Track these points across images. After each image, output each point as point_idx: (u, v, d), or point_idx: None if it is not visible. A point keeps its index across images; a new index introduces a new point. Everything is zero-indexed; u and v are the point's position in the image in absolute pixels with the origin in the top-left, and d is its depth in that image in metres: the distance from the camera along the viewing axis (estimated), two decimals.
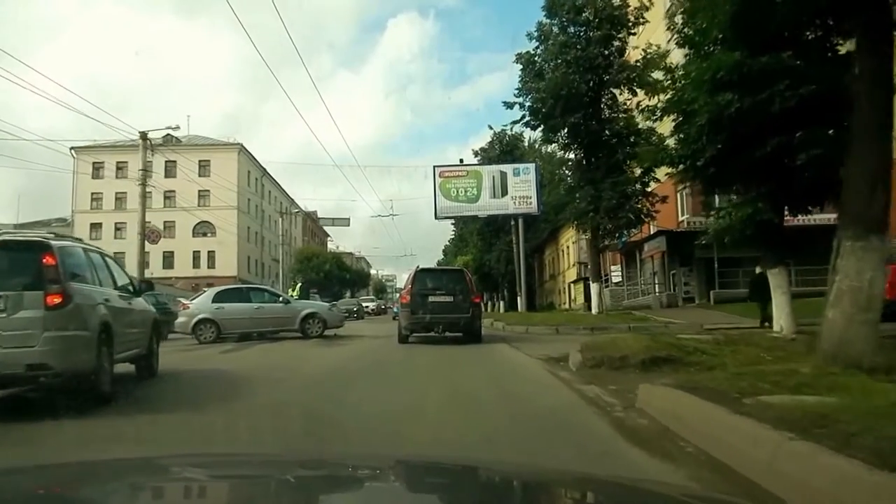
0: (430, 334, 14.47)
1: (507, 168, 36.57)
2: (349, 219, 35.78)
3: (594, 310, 22.77)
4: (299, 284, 21.79)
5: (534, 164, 36.23)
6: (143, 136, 28.81)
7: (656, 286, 28.70)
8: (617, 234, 23.24)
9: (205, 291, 16.83)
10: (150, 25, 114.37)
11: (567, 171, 24.25)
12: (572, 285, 45.32)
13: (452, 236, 69.77)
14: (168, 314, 15.98)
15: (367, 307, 43.30)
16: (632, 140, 22.17)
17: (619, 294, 32.06)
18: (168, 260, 58.05)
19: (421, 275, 15.04)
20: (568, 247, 49.43)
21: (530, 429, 5.35)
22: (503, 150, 46.30)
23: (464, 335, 14.24)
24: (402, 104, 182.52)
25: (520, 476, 1.94)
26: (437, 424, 5.55)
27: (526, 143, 53.46)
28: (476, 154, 48.92)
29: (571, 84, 20.83)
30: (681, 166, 11.94)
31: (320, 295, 35.89)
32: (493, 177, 36.07)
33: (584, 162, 23.11)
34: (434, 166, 36.18)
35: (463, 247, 63.19)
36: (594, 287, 22.95)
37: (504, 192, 35.99)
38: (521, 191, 35.86)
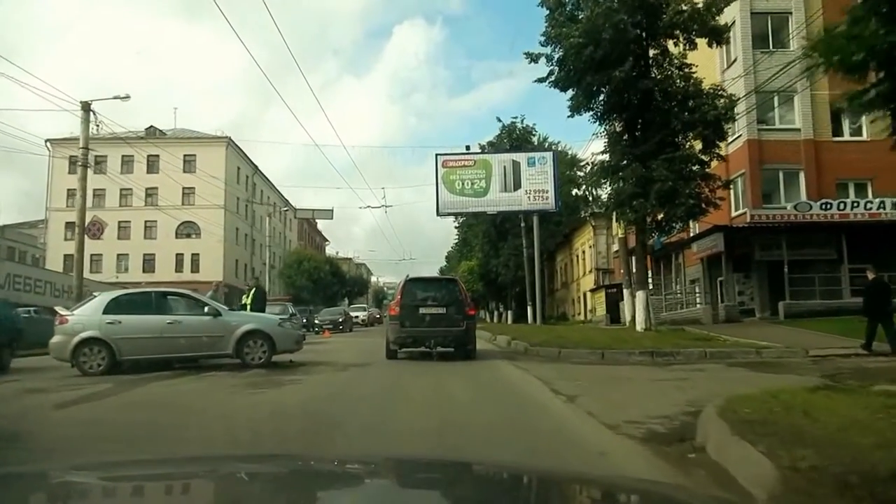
0: (421, 349, 12.83)
1: (521, 157, 31.15)
2: (332, 210, 30.29)
3: (639, 326, 17.28)
4: (252, 289, 16.26)
5: (551, 153, 30.85)
6: (86, 106, 23.44)
7: (703, 295, 23.12)
8: (667, 228, 17.75)
9: (93, 297, 11.32)
10: (158, 28, 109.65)
11: (592, 164, 18.58)
12: (591, 294, 39.76)
13: (456, 240, 64.36)
14: (15, 332, 10.53)
15: (356, 317, 37.43)
16: (690, 104, 16.76)
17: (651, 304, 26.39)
18: (149, 263, 52.75)
19: (411, 285, 13.43)
20: (584, 251, 43.95)
21: None
22: (513, 143, 40.95)
23: (456, 350, 12.73)
24: (407, 109, 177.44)
25: (517, 475, 1.88)
26: None
27: (537, 139, 48.34)
28: (483, 149, 43.28)
29: (616, 24, 15.42)
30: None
31: (295, 304, 30.27)
32: (504, 167, 30.66)
33: (627, 135, 17.68)
34: (437, 154, 30.83)
35: (467, 251, 57.76)
36: (639, 296, 17.46)
37: (517, 185, 30.57)
38: (536, 183, 30.45)
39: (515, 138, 42.67)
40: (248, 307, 14.81)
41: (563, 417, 6.32)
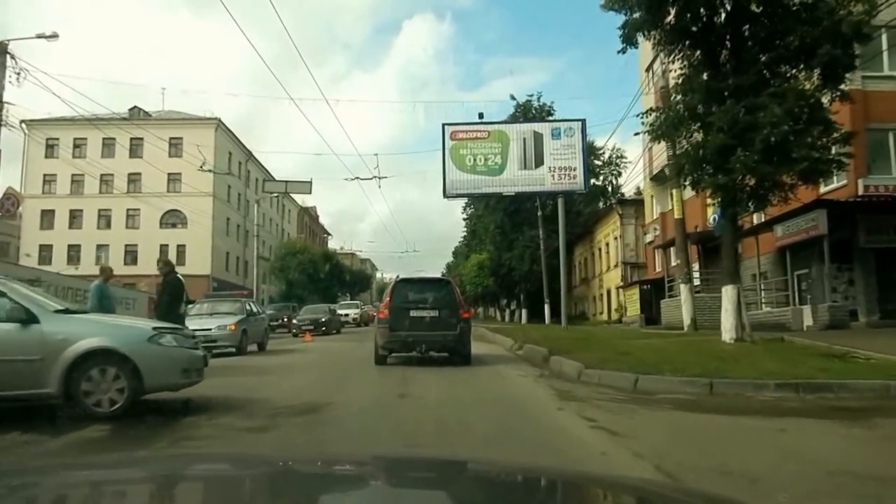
0: (412, 353, 11.26)
1: (543, 128, 25.69)
2: (311, 183, 24.55)
3: (727, 334, 11.92)
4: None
5: (579, 123, 25.26)
6: (2, 48, 18.17)
7: (791, 294, 17.60)
8: (766, 198, 12.27)
9: None
10: (165, 21, 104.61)
11: (657, 111, 13.16)
12: (621, 291, 34.32)
13: (464, 232, 59.03)
14: None
15: (346, 315, 31.60)
16: (804, 16, 11.34)
17: (702, 304, 20.91)
18: (131, 254, 47.62)
19: (401, 286, 12.19)
20: (608, 244, 38.55)
21: None
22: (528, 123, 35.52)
23: (450, 356, 11.38)
24: (416, 105, 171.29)
25: (516, 474, 1.78)
26: None
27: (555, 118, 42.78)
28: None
29: None
30: None
31: (286, 300, 24.93)
32: (524, 139, 25.22)
33: (709, 68, 12.28)
34: (444, 124, 25.36)
35: (476, 244, 52.44)
36: (728, 294, 12.04)
37: (539, 162, 25.12)
38: (561, 159, 24.99)
39: (531, 118, 37.35)
40: (158, 307, 9.58)
41: None
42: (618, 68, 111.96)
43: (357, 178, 25.85)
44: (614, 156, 47.32)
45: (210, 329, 13.65)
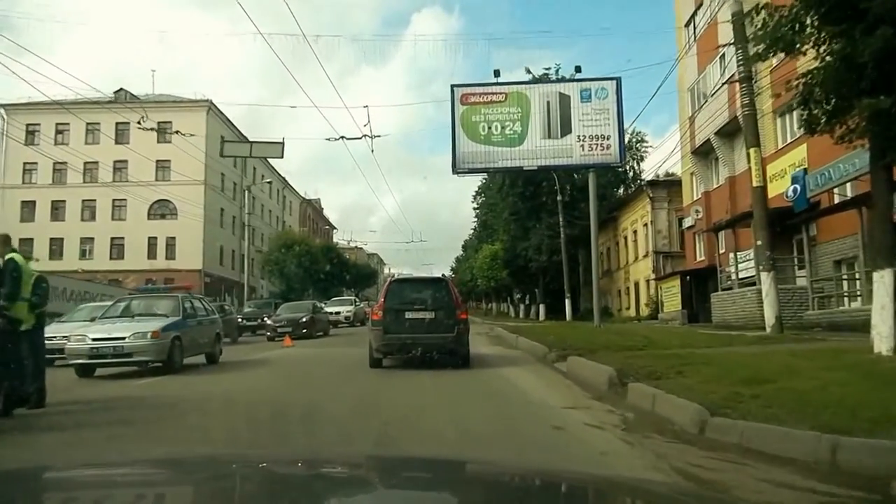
0: (408, 355, 10.68)
1: (571, 88, 21.30)
2: (282, 144, 19.83)
3: (885, 343, 7.71)
4: None
5: (613, 82, 20.81)
6: None
7: None
8: None
9: None
10: (175, 16, 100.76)
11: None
12: (654, 284, 29.99)
13: (475, 223, 54.82)
14: None
15: (337, 314, 27.11)
16: None
17: (781, 300, 16.49)
18: (117, 248, 43.89)
19: (396, 286, 11.73)
20: (635, 231, 34.21)
21: None
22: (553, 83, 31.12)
23: (449, 358, 10.70)
24: (425, 98, 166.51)
25: (517, 475, 1.75)
26: None
27: None
28: None
29: None
30: None
31: (284, 296, 20.73)
32: (548, 103, 20.86)
33: None
34: (453, 86, 21.11)
35: (488, 235, 48.27)
36: (885, 281, 7.82)
37: (565, 129, 20.81)
38: (592, 126, 20.64)
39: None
40: None
41: None
42: (629, 55, 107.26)
43: (342, 137, 21.64)
44: (634, 140, 43.06)
45: (123, 338, 9.57)
